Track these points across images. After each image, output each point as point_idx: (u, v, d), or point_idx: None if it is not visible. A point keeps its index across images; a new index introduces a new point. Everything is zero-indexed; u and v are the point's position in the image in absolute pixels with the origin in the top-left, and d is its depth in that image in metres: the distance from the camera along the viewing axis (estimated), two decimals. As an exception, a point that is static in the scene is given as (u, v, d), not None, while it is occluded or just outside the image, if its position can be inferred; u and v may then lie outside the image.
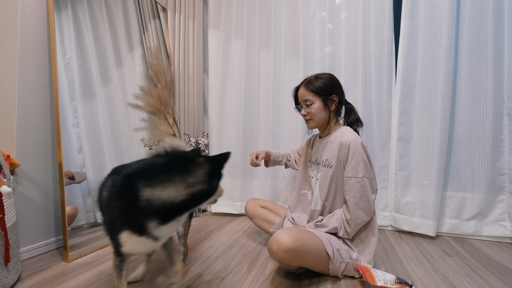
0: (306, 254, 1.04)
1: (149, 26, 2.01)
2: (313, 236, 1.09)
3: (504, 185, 1.61)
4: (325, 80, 1.21)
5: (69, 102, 1.49)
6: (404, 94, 1.75)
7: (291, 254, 1.01)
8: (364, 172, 1.10)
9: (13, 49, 1.29)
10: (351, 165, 1.11)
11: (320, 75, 1.25)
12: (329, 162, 1.20)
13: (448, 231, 1.70)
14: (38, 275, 1.15)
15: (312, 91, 1.21)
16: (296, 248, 1.01)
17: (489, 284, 1.10)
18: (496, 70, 1.58)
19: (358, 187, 1.10)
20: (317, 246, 1.07)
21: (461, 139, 1.67)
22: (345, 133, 1.16)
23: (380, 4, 1.79)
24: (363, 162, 1.10)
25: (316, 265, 1.10)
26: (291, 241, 1.00)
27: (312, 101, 1.21)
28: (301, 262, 1.07)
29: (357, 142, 1.11)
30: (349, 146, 1.11)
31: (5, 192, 0.97)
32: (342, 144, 1.13)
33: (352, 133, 1.16)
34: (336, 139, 1.19)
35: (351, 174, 1.11)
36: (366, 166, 1.11)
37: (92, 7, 1.63)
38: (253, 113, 2.15)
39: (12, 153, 1.26)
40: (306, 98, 1.23)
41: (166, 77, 2.05)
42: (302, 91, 1.25)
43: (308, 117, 1.25)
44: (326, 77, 1.23)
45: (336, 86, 1.23)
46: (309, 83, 1.23)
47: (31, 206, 1.33)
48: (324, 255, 1.08)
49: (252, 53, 2.14)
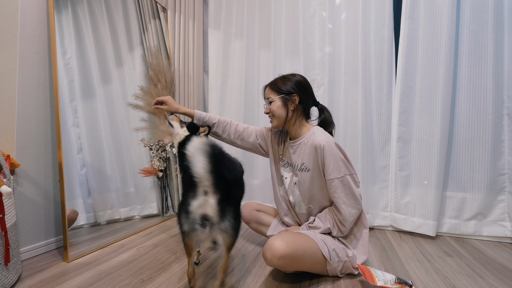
0: (301, 258, 1.03)
1: (149, 26, 2.01)
2: (308, 239, 1.08)
3: (504, 185, 1.61)
4: (289, 81, 1.21)
5: (69, 102, 1.49)
6: (404, 94, 1.75)
7: (285, 260, 1.00)
8: (344, 170, 1.11)
9: (13, 49, 1.29)
10: (330, 167, 1.10)
11: (288, 75, 1.24)
12: (305, 166, 1.18)
13: (448, 231, 1.69)
14: (38, 275, 1.15)
15: (273, 90, 1.22)
16: (290, 254, 1.00)
17: (489, 284, 1.10)
18: (496, 70, 1.58)
19: (341, 186, 1.11)
20: (312, 249, 1.06)
21: (461, 139, 1.67)
22: (317, 134, 1.15)
23: (380, 4, 1.78)
24: (342, 161, 1.11)
25: (313, 267, 1.10)
26: (284, 247, 1.00)
27: (272, 99, 1.22)
28: (298, 267, 1.06)
29: (330, 144, 1.10)
30: (324, 149, 1.10)
31: (5, 192, 0.97)
32: (316, 147, 1.12)
33: (323, 133, 1.15)
34: (308, 141, 1.17)
35: (333, 175, 1.11)
36: (345, 164, 1.12)
37: (92, 7, 1.63)
38: (253, 113, 2.15)
39: (12, 153, 1.26)
40: (268, 96, 1.24)
41: (166, 77, 2.05)
42: (267, 89, 1.26)
43: (270, 115, 1.24)
44: (293, 78, 1.22)
45: (300, 87, 1.21)
46: (273, 83, 1.24)
47: (31, 206, 1.33)
48: (320, 257, 1.08)
49: (252, 53, 2.14)
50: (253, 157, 2.15)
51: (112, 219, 1.69)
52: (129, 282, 1.09)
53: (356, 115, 1.82)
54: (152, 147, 1.95)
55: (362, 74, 1.80)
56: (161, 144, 1.98)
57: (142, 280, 1.12)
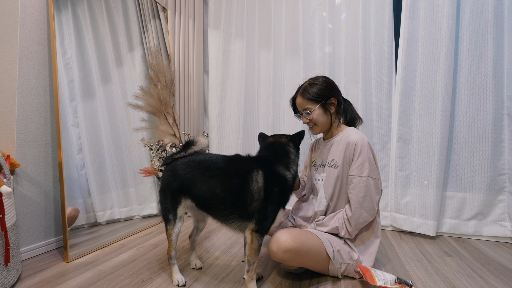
0: (306, 254, 1.04)
1: (149, 26, 2.01)
2: (314, 237, 1.09)
3: (504, 185, 1.61)
4: (320, 85, 1.19)
5: (69, 102, 1.49)
6: (404, 94, 1.75)
7: (291, 254, 1.01)
8: (369, 171, 1.10)
9: (13, 49, 1.29)
10: (356, 163, 1.11)
11: (314, 80, 1.23)
12: (335, 162, 1.19)
13: (448, 231, 1.69)
14: (38, 275, 1.15)
15: (309, 99, 1.19)
16: (296, 248, 1.01)
17: (489, 284, 1.10)
18: (496, 70, 1.58)
19: (362, 186, 1.10)
20: (317, 246, 1.07)
21: (461, 139, 1.67)
22: (351, 133, 1.17)
23: (380, 4, 1.78)
24: (369, 162, 1.10)
25: (316, 265, 1.10)
26: (291, 241, 1.01)
27: (311, 109, 1.19)
28: (301, 263, 1.07)
29: (364, 142, 1.12)
30: (356, 145, 1.11)
31: (5, 192, 0.97)
32: (349, 143, 1.14)
33: (358, 133, 1.17)
34: (342, 139, 1.18)
35: (356, 172, 1.11)
36: (372, 166, 1.11)
37: (92, 7, 1.63)
38: (253, 113, 2.15)
39: (12, 153, 1.26)
40: (305, 107, 1.21)
41: (166, 77, 2.05)
42: (300, 100, 1.23)
43: (311, 124, 1.24)
44: (321, 81, 1.21)
45: (332, 88, 1.21)
46: (305, 92, 1.21)
47: (31, 206, 1.33)
48: (324, 256, 1.08)
49: (252, 53, 2.14)
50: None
51: (112, 219, 1.69)
52: (129, 282, 1.09)
53: (356, 115, 1.83)
54: (152, 147, 1.95)
55: (362, 74, 1.80)
56: (161, 144, 1.98)
57: (142, 280, 1.12)
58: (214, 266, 1.25)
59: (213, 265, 1.27)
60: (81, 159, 1.53)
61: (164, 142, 1.97)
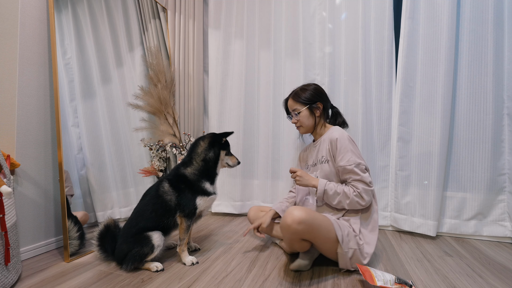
0: (317, 229, 1.11)
1: (149, 26, 2.01)
2: (324, 217, 1.16)
3: (504, 185, 1.61)
4: (310, 91, 1.40)
5: (69, 102, 1.49)
6: (404, 94, 1.75)
7: (304, 226, 1.08)
8: (354, 159, 1.22)
9: (13, 49, 1.29)
10: (340, 155, 1.25)
11: (305, 86, 1.43)
12: (324, 158, 1.34)
13: (448, 231, 1.69)
14: (38, 275, 1.15)
15: (298, 102, 1.40)
16: (309, 220, 1.09)
17: (489, 284, 1.10)
18: (496, 70, 1.58)
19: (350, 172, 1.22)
20: (328, 226, 1.14)
21: (461, 139, 1.67)
22: (334, 131, 1.32)
23: (380, 4, 1.78)
24: (350, 151, 1.24)
25: (325, 243, 1.15)
26: (304, 214, 1.09)
27: (299, 110, 1.39)
28: (313, 237, 1.12)
29: (343, 136, 1.27)
30: (337, 140, 1.27)
31: (5, 192, 0.97)
32: (332, 140, 1.29)
33: (339, 130, 1.33)
34: (327, 137, 1.34)
35: (343, 163, 1.24)
36: (354, 153, 1.24)
37: (92, 7, 1.63)
38: (253, 113, 2.15)
39: (12, 153, 1.26)
40: (294, 108, 1.41)
41: (166, 77, 2.05)
42: (290, 102, 1.44)
43: (298, 124, 1.43)
44: (312, 88, 1.41)
45: (320, 94, 1.41)
46: (296, 95, 1.42)
47: (31, 206, 1.33)
48: (334, 237, 1.14)
49: (252, 53, 2.14)
50: (253, 157, 2.15)
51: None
52: (129, 282, 1.09)
53: (356, 115, 1.83)
54: (152, 147, 1.95)
55: (362, 74, 1.80)
56: (161, 144, 1.98)
57: (142, 280, 1.12)
58: (214, 266, 1.26)
59: (213, 265, 1.27)
60: (81, 159, 1.53)
61: (164, 142, 1.97)
